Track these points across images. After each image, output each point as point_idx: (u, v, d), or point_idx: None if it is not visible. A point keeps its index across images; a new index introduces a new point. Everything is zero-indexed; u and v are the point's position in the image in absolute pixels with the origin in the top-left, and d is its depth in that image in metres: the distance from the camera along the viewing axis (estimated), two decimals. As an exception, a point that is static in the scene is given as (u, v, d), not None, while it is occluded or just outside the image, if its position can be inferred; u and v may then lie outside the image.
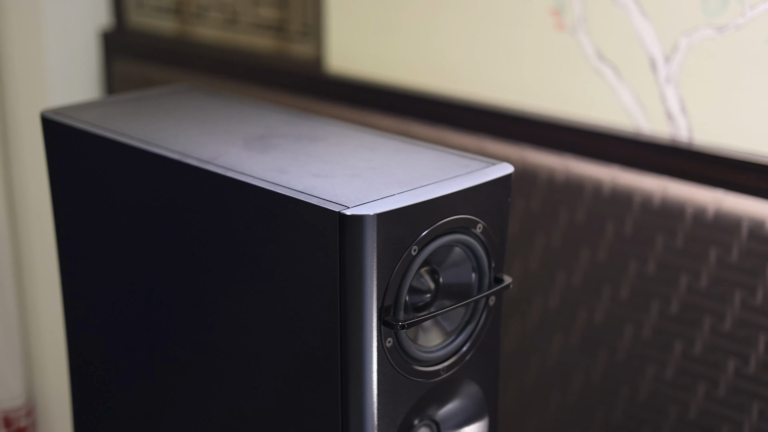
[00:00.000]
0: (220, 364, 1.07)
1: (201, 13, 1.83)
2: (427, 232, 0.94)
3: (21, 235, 1.97)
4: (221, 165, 1.02)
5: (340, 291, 0.92)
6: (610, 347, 1.37)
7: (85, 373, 1.29)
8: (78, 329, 1.27)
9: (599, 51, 1.35)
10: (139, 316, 1.17)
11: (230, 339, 1.05)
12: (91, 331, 1.25)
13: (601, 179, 1.35)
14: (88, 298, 1.24)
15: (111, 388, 1.25)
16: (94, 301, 1.23)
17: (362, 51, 1.59)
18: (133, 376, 1.20)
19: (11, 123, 1.89)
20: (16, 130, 1.89)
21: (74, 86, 1.90)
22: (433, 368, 0.99)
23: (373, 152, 1.05)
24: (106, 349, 1.24)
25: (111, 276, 1.19)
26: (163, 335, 1.14)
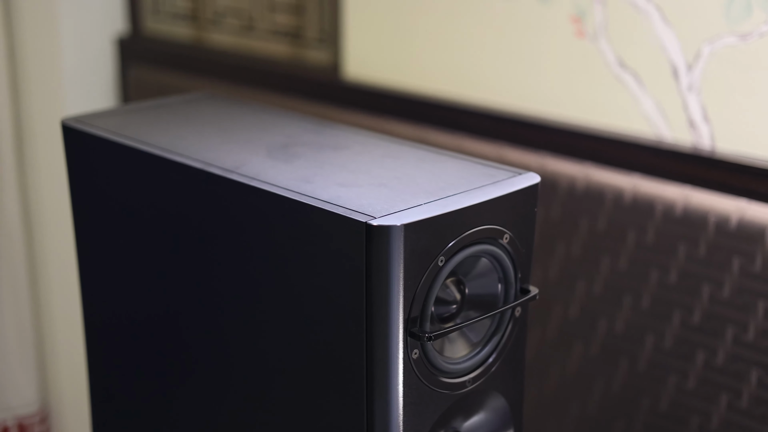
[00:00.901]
0: (242, 374, 1.06)
1: (217, 20, 1.82)
2: (454, 242, 0.93)
3: (36, 242, 1.96)
4: (244, 174, 1.01)
5: (366, 302, 0.91)
6: (630, 357, 1.36)
7: (104, 381, 1.28)
8: (97, 336, 1.26)
9: (620, 58, 1.34)
10: (160, 324, 1.16)
11: (252, 349, 1.04)
12: (110, 338, 1.25)
13: (622, 187, 1.34)
14: (107, 306, 1.23)
15: (130, 397, 1.24)
16: (114, 309, 1.22)
17: (380, 57, 1.58)
18: (152, 383, 1.20)
19: (27, 129, 1.89)
20: (31, 135, 1.88)
21: (90, 93, 1.90)
22: (459, 380, 0.98)
23: (397, 161, 1.04)
24: (125, 357, 1.23)
25: (131, 283, 1.18)
26: (183, 343, 1.13)
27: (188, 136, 1.12)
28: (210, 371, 1.11)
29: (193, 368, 1.13)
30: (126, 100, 1.94)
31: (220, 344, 1.08)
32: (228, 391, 1.09)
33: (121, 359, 1.24)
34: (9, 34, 1.85)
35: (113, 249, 1.19)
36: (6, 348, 1.99)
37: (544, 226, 1.41)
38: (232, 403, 1.09)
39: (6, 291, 1.96)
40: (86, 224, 1.22)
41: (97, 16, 1.88)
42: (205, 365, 1.11)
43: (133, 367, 1.22)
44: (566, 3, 1.36)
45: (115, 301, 1.22)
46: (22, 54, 1.85)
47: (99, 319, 1.25)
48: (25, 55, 1.85)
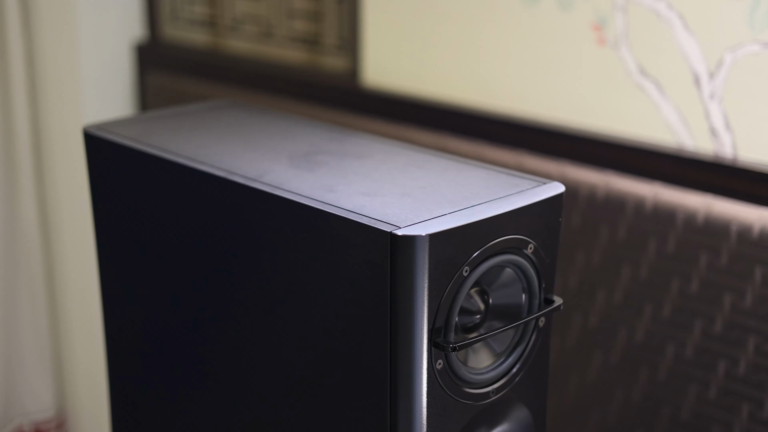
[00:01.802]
0: (263, 382, 1.06)
1: (235, 26, 1.82)
2: (479, 252, 0.93)
3: (54, 248, 1.96)
4: (267, 183, 1.01)
5: (390, 312, 0.91)
6: (651, 366, 1.35)
7: (124, 388, 1.28)
8: (117, 344, 1.26)
9: (642, 66, 1.33)
10: (180, 331, 1.16)
11: (274, 358, 1.04)
12: (130, 346, 1.25)
13: (643, 196, 1.33)
14: (128, 313, 1.23)
15: (150, 404, 1.24)
16: (134, 317, 1.22)
17: (398, 65, 1.58)
18: (172, 390, 1.20)
19: (45, 134, 1.89)
20: (49, 141, 1.89)
21: (108, 98, 1.90)
22: (483, 390, 0.98)
23: (421, 170, 1.04)
24: (145, 365, 1.23)
25: (152, 291, 1.18)
26: (204, 351, 1.13)
27: (210, 144, 1.12)
28: (230, 379, 1.10)
29: (213, 376, 1.12)
30: (144, 107, 1.94)
31: (240, 353, 1.08)
32: (249, 399, 1.09)
33: (141, 366, 1.24)
34: (28, 40, 1.85)
35: (134, 256, 1.19)
36: (23, 353, 1.99)
37: (564, 234, 1.41)
38: (253, 412, 1.09)
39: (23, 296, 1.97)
40: (107, 231, 1.22)
41: (116, 23, 1.88)
42: (226, 373, 1.11)
43: (152, 374, 1.22)
44: (587, 10, 1.36)
45: (135, 308, 1.22)
46: (40, 60, 1.85)
47: (119, 327, 1.25)
48: (43, 60, 1.85)
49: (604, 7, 1.34)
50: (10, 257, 1.93)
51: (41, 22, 1.83)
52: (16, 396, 2.01)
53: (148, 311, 1.20)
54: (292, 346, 1.02)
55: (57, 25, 1.82)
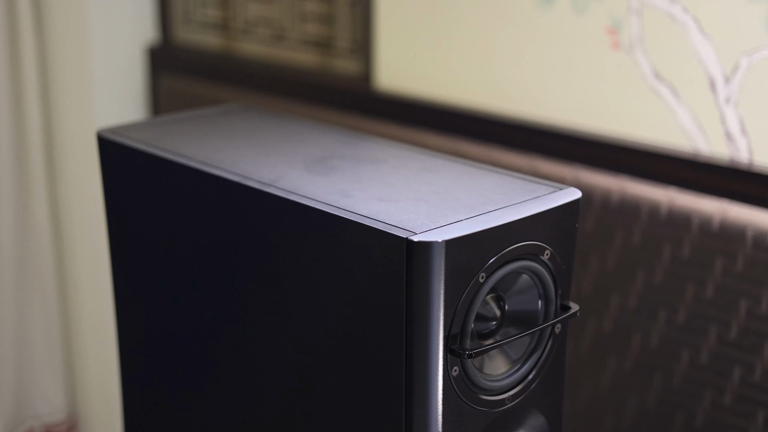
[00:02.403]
0: (277, 388, 1.06)
1: (248, 29, 1.82)
2: (495, 258, 0.92)
3: (65, 250, 1.96)
4: (283, 188, 1.00)
5: (406, 318, 0.91)
6: (665, 372, 1.35)
7: (137, 390, 1.27)
8: (130, 347, 1.26)
9: (657, 70, 1.32)
10: (194, 335, 1.15)
11: (288, 363, 1.04)
12: (143, 350, 1.24)
13: (658, 201, 1.32)
14: (141, 316, 1.23)
15: (163, 406, 1.24)
16: (147, 320, 1.22)
17: (411, 68, 1.58)
18: (187, 393, 1.19)
19: (57, 138, 1.89)
20: (61, 144, 1.89)
21: (120, 101, 1.90)
22: (498, 397, 0.97)
23: (436, 175, 1.04)
24: (158, 367, 1.23)
25: (165, 295, 1.18)
26: (217, 355, 1.13)
27: (225, 148, 1.12)
28: (243, 384, 1.10)
29: (225, 380, 1.12)
30: (156, 110, 1.94)
31: (253, 357, 1.08)
32: (262, 404, 1.08)
33: (154, 369, 1.23)
34: (40, 43, 1.85)
35: (147, 260, 1.19)
36: (34, 355, 1.99)
37: (578, 239, 1.40)
38: (266, 416, 1.08)
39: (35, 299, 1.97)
40: (120, 235, 1.22)
41: (128, 26, 1.88)
42: (238, 377, 1.10)
43: (165, 376, 1.22)
44: (602, 14, 1.35)
45: (148, 311, 1.21)
46: (52, 63, 1.85)
47: (132, 329, 1.25)
48: (55, 63, 1.85)
49: (618, 10, 1.33)
50: (22, 260, 1.93)
51: (54, 25, 1.83)
52: (28, 398, 2.01)
53: (161, 314, 1.19)
54: (305, 351, 1.01)
55: (69, 28, 1.82)
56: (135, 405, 1.28)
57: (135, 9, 1.89)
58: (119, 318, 1.26)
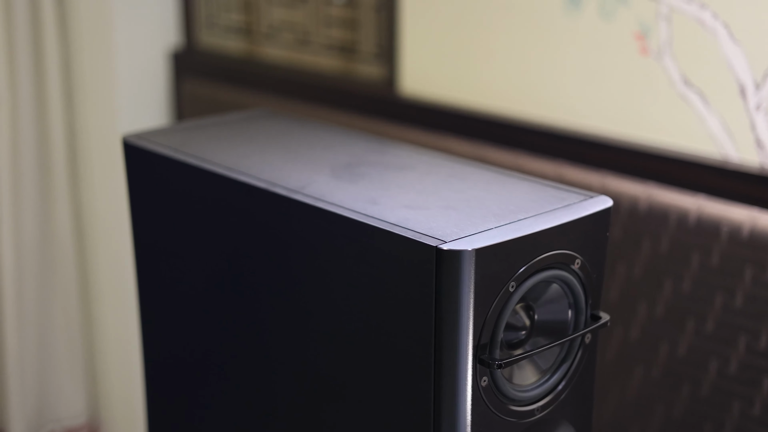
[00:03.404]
0: (303, 396, 1.05)
1: (271, 34, 1.81)
2: (525, 268, 0.91)
3: (88, 254, 1.96)
4: (310, 195, 1.00)
5: (435, 328, 0.90)
6: (693, 382, 1.33)
7: (161, 396, 1.27)
8: (155, 351, 1.25)
9: (685, 77, 1.31)
10: (218, 340, 1.15)
11: (315, 372, 1.03)
12: (168, 354, 1.24)
13: (686, 208, 1.31)
14: (165, 319, 1.22)
15: (187, 411, 1.23)
16: (171, 323, 1.22)
17: (436, 73, 1.57)
18: (212, 400, 1.19)
19: (81, 142, 1.89)
20: (85, 148, 1.89)
21: (143, 106, 1.90)
22: (528, 408, 0.96)
23: (465, 183, 1.02)
24: (183, 372, 1.22)
25: (190, 299, 1.17)
26: (241, 361, 1.12)
27: (251, 154, 1.11)
28: (268, 391, 1.09)
29: (250, 387, 1.11)
30: (179, 114, 1.94)
31: (279, 364, 1.07)
32: (287, 412, 1.08)
33: (178, 374, 1.23)
34: (64, 47, 1.85)
35: (172, 265, 1.18)
36: (55, 359, 1.99)
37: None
38: (291, 424, 1.07)
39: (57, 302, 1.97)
40: (145, 240, 1.21)
41: (151, 30, 1.88)
42: (264, 384, 1.10)
43: (190, 382, 1.21)
44: (630, 20, 1.34)
45: (172, 316, 1.21)
46: (76, 67, 1.85)
47: (156, 336, 1.24)
48: (79, 68, 1.85)
49: (647, 16, 1.32)
50: (45, 264, 1.93)
51: (78, 30, 1.83)
52: (49, 402, 2.01)
53: (185, 319, 1.19)
54: (332, 360, 1.00)
55: (93, 32, 1.82)
56: (158, 410, 1.28)
57: (158, 14, 1.89)
58: (143, 323, 1.25)
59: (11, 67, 1.80)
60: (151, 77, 1.89)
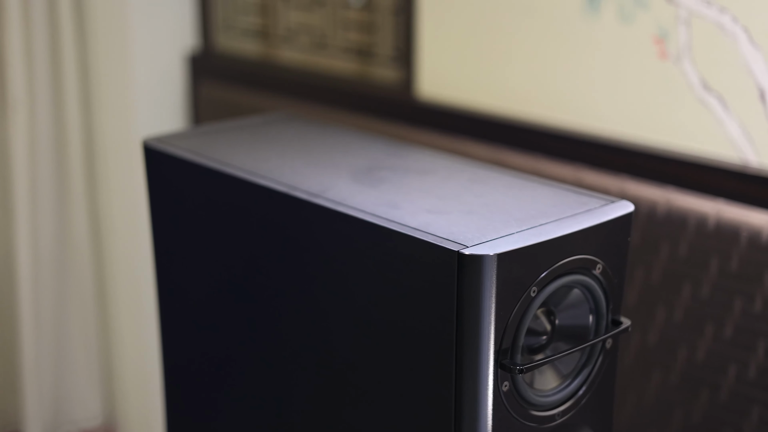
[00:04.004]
0: (323, 400, 1.05)
1: (289, 37, 1.82)
2: (547, 273, 0.91)
3: (104, 257, 1.97)
4: (331, 199, 1.00)
5: (457, 332, 0.90)
6: (712, 387, 1.33)
7: (181, 401, 1.27)
8: (174, 355, 1.26)
9: (705, 81, 1.31)
10: (239, 345, 1.15)
11: (334, 376, 1.03)
12: (188, 359, 1.24)
13: (705, 213, 1.31)
14: (185, 324, 1.23)
15: (208, 416, 1.23)
16: (191, 328, 1.22)
17: (454, 77, 1.57)
18: (232, 404, 1.19)
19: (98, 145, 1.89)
20: (102, 151, 1.89)
21: (160, 109, 1.90)
22: (549, 413, 0.96)
23: (485, 187, 1.02)
24: (202, 377, 1.23)
25: (210, 303, 1.18)
26: (261, 364, 1.12)
27: (271, 158, 1.11)
28: (288, 395, 1.09)
29: (270, 391, 1.11)
30: (196, 117, 1.94)
31: (298, 368, 1.07)
32: (307, 416, 1.08)
33: (198, 378, 1.23)
34: (82, 50, 1.86)
35: (192, 267, 1.18)
36: (72, 362, 2.00)
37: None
38: (312, 429, 1.07)
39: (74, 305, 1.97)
40: (165, 243, 1.21)
41: (169, 33, 1.89)
42: (284, 388, 1.10)
43: (209, 385, 1.21)
44: (649, 24, 1.33)
45: (192, 319, 1.21)
46: (94, 70, 1.86)
47: (176, 339, 1.24)
48: (96, 70, 1.86)
49: (666, 20, 1.32)
50: (62, 266, 1.94)
51: (95, 33, 1.84)
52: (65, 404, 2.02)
53: (204, 322, 1.19)
54: (352, 363, 1.00)
55: (111, 35, 1.83)
56: (177, 412, 1.28)
57: (176, 17, 1.89)
58: (162, 325, 1.26)
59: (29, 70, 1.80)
60: (168, 80, 1.90)
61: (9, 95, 1.79)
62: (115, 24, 1.82)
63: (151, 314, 1.93)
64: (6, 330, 1.96)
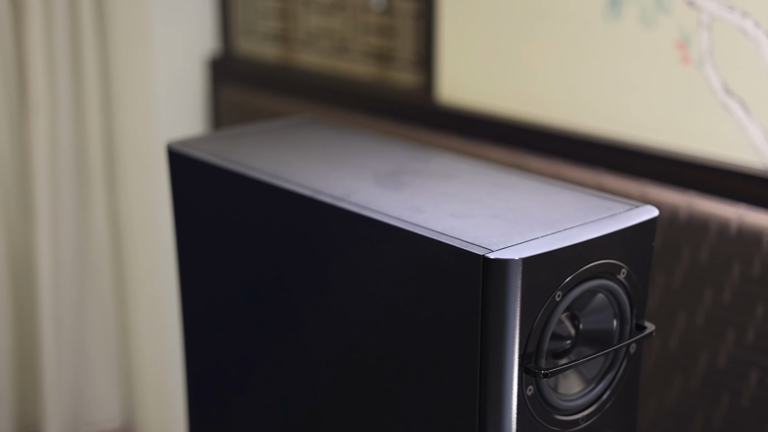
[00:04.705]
0: (347, 405, 1.05)
1: (309, 41, 1.82)
2: (572, 277, 0.91)
3: (124, 260, 1.98)
4: (355, 202, 1.00)
5: (481, 336, 0.90)
6: (733, 393, 1.32)
7: (204, 401, 1.28)
8: (197, 360, 1.26)
9: (727, 85, 1.30)
10: (262, 348, 1.15)
11: (359, 379, 1.03)
12: (210, 361, 1.24)
13: (727, 218, 1.30)
14: (208, 327, 1.23)
15: (230, 419, 1.23)
16: (214, 329, 1.22)
17: (474, 81, 1.57)
18: (254, 405, 1.19)
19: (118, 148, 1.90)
20: (122, 154, 1.90)
21: (181, 112, 1.91)
22: (573, 417, 0.96)
23: (509, 191, 1.03)
24: (225, 377, 1.23)
25: (233, 307, 1.18)
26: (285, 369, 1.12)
27: (295, 162, 1.12)
28: (312, 399, 1.10)
29: (293, 394, 1.12)
30: (216, 121, 1.95)
31: (322, 371, 1.07)
32: (331, 420, 1.08)
33: (221, 380, 1.23)
34: (103, 53, 1.87)
35: (215, 271, 1.19)
36: (91, 364, 2.01)
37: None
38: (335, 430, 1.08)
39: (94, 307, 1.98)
40: (189, 246, 1.22)
41: (189, 37, 1.89)
42: (307, 392, 1.10)
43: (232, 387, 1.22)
44: (671, 28, 1.33)
45: (215, 323, 1.21)
46: (114, 74, 1.87)
47: (199, 340, 1.25)
48: (117, 74, 1.86)
49: (688, 24, 1.32)
50: (82, 269, 1.95)
51: (116, 36, 1.85)
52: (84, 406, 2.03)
53: (228, 324, 1.19)
54: (377, 366, 1.00)
55: (131, 39, 1.84)
56: (200, 414, 1.28)
57: (196, 20, 1.90)
58: (185, 328, 1.26)
59: (51, 73, 1.81)
60: (188, 84, 1.91)
61: (30, 98, 1.80)
62: (136, 27, 1.83)
63: (171, 317, 1.94)
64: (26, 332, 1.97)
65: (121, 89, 1.87)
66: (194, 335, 1.25)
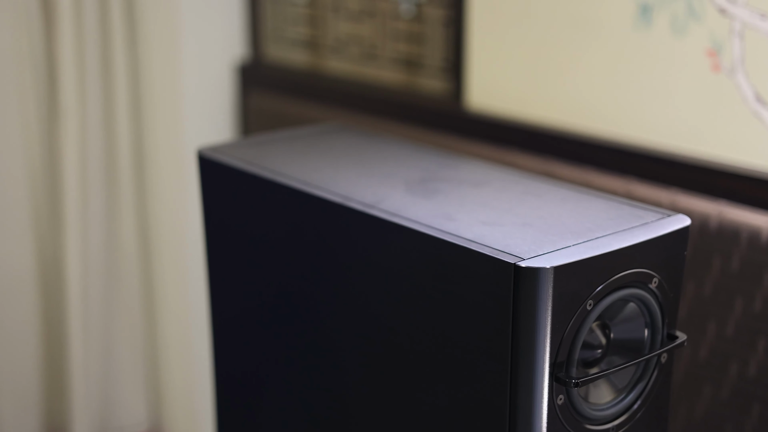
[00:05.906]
0: (376, 413, 1.05)
1: (338, 47, 1.83)
2: (603, 286, 0.91)
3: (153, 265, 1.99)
4: (385, 210, 1.00)
5: (512, 345, 0.89)
6: (763, 403, 1.31)
7: (232, 405, 1.28)
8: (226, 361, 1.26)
9: (758, 93, 1.30)
10: (291, 353, 1.15)
11: (388, 388, 1.03)
12: (239, 364, 1.25)
13: (758, 227, 1.29)
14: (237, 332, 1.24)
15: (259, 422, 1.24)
16: (243, 334, 1.23)
17: (503, 88, 1.57)
18: (282, 410, 1.19)
19: (147, 154, 1.91)
20: (151, 160, 1.91)
21: (210, 118, 1.92)
22: (603, 427, 0.96)
23: (540, 199, 1.02)
24: (254, 383, 1.23)
25: (263, 313, 1.18)
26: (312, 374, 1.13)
27: (324, 168, 1.12)
28: (342, 406, 1.10)
29: (323, 399, 1.12)
30: (245, 127, 1.95)
31: (352, 378, 1.07)
32: (360, 427, 1.08)
33: (249, 385, 1.24)
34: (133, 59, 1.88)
35: (245, 275, 1.19)
36: (119, 367, 2.02)
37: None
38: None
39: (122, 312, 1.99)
40: (219, 251, 1.22)
41: (219, 43, 1.90)
42: (337, 399, 1.10)
43: (261, 393, 1.22)
44: (702, 36, 1.33)
45: (244, 327, 1.22)
46: (144, 79, 1.88)
47: (228, 345, 1.25)
48: (147, 80, 1.88)
49: (719, 32, 1.31)
50: (110, 273, 1.96)
51: (146, 42, 1.86)
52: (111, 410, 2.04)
53: (257, 329, 1.20)
54: (406, 374, 1.00)
55: (161, 45, 1.85)
56: (228, 419, 1.29)
57: (225, 27, 1.91)
58: (215, 333, 1.27)
59: (81, 78, 1.83)
60: (217, 90, 1.91)
61: (60, 104, 1.81)
62: (166, 33, 1.84)
63: (198, 321, 1.94)
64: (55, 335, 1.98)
65: (150, 95, 1.88)
66: (223, 339, 1.26)
